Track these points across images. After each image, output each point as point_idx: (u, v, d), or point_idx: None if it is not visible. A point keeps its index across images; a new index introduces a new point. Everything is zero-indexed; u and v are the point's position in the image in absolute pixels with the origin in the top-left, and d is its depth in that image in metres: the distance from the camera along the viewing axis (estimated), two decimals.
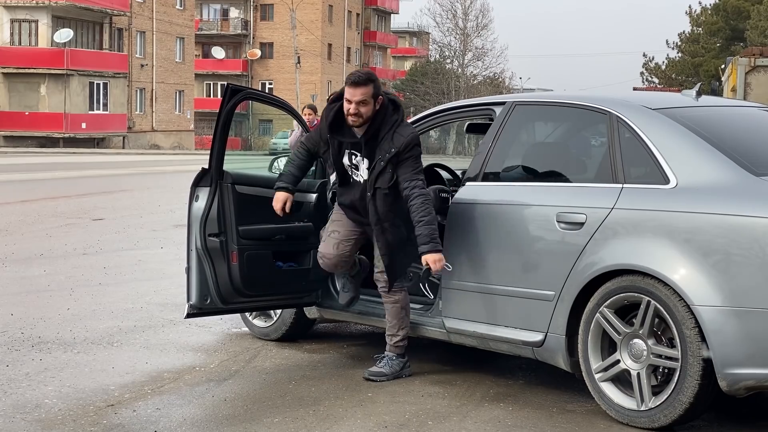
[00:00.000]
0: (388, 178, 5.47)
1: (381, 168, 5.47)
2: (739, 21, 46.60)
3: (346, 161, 5.65)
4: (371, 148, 5.53)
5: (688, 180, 4.88)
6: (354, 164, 5.64)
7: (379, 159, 5.47)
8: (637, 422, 4.88)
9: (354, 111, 5.46)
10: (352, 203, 5.71)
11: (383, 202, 5.53)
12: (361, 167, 5.60)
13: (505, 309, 5.43)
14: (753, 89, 14.58)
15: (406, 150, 5.44)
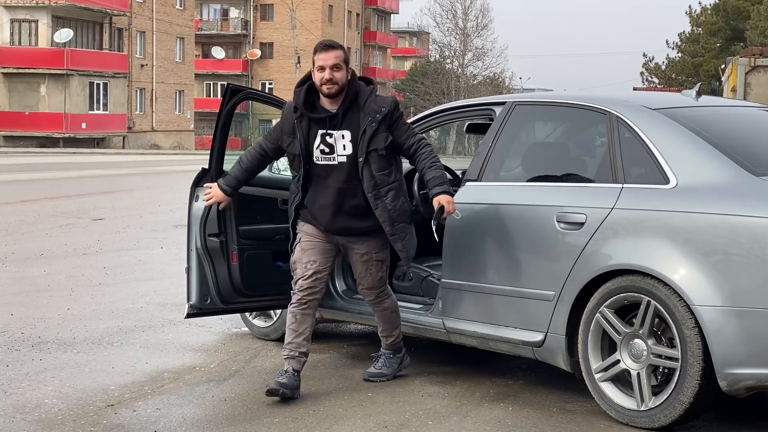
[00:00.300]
0: (384, 138, 5.20)
1: (373, 130, 5.18)
2: (739, 21, 46.61)
3: (318, 146, 5.26)
4: (352, 117, 5.23)
5: (688, 180, 4.88)
6: (328, 145, 5.25)
7: (369, 121, 5.18)
8: (637, 422, 4.88)
9: (329, 76, 5.18)
10: (326, 204, 5.31)
11: (378, 165, 5.21)
12: (339, 144, 5.24)
13: (505, 309, 5.43)
14: (753, 89, 14.58)
15: (396, 110, 5.28)
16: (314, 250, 5.36)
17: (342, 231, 5.34)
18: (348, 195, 5.26)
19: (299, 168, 5.29)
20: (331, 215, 5.29)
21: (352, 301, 6.22)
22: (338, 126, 5.22)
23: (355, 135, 5.20)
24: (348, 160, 5.22)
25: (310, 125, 5.25)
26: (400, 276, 6.44)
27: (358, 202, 5.25)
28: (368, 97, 5.22)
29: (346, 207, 5.27)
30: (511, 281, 5.40)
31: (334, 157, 5.24)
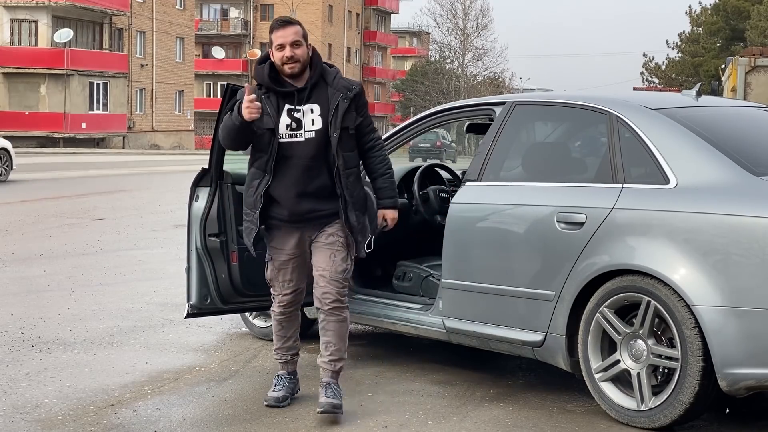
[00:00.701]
0: (353, 117, 4.94)
1: (346, 106, 4.90)
2: (739, 21, 46.61)
3: (285, 121, 4.91)
4: (320, 92, 4.94)
5: (688, 180, 4.88)
6: (296, 120, 4.90)
7: (341, 97, 4.90)
8: (637, 422, 4.88)
9: (290, 54, 4.87)
10: (290, 184, 4.94)
11: (347, 144, 4.94)
12: (307, 118, 4.90)
13: (505, 309, 5.43)
14: (753, 89, 14.58)
15: (363, 95, 5.05)
16: (288, 270, 5.09)
17: (307, 214, 4.96)
18: (313, 174, 4.92)
19: (269, 146, 4.90)
20: (296, 196, 4.92)
21: (351, 301, 6.21)
22: (306, 100, 4.92)
23: (325, 110, 4.90)
24: (316, 135, 4.89)
25: (278, 100, 4.93)
26: (400, 276, 6.44)
27: (323, 182, 4.92)
28: (336, 76, 4.98)
29: (312, 187, 4.92)
30: (511, 281, 5.40)
31: (301, 134, 4.90)
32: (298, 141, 4.90)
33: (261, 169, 4.93)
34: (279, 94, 4.92)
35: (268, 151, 4.88)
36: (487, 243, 5.55)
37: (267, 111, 4.87)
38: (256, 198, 4.96)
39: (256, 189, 4.93)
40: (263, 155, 4.91)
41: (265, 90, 4.93)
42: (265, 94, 4.92)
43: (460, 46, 70.67)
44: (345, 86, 4.94)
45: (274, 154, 4.88)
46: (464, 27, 70.62)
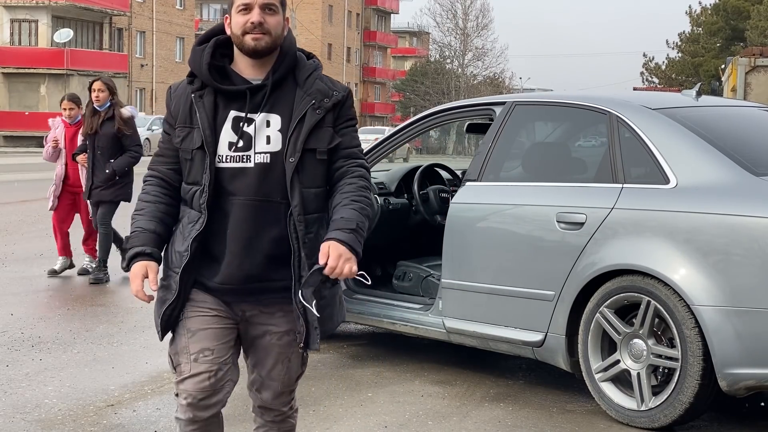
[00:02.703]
0: (329, 136, 3.16)
1: (317, 119, 3.14)
2: (739, 21, 46.63)
3: (228, 137, 3.14)
4: (286, 95, 3.18)
5: (688, 180, 4.88)
6: (244, 135, 3.13)
7: (312, 105, 3.14)
8: (637, 422, 4.88)
9: (258, 19, 3.10)
10: (231, 234, 3.14)
11: (313, 175, 3.15)
12: (260, 134, 3.13)
13: (505, 309, 5.43)
14: (753, 89, 14.57)
15: (348, 103, 3.23)
16: (207, 332, 3.20)
17: (250, 284, 3.16)
18: (267, 219, 3.12)
19: (201, 172, 3.13)
20: (239, 254, 3.12)
21: (351, 301, 6.22)
22: (263, 105, 3.15)
23: (287, 122, 3.14)
24: (272, 160, 3.12)
25: (217, 103, 3.16)
26: (400, 276, 6.44)
27: (280, 232, 3.11)
28: (312, 73, 3.21)
29: (263, 241, 3.13)
30: (511, 281, 5.40)
31: (249, 156, 3.12)
32: (245, 167, 3.12)
33: (192, 205, 3.16)
34: (222, 94, 3.15)
35: (201, 181, 3.13)
36: (487, 243, 5.55)
37: (197, 121, 3.13)
38: (181, 250, 3.15)
39: (186, 237, 3.15)
40: (193, 187, 3.16)
41: (198, 86, 3.18)
42: (196, 91, 3.17)
43: (460, 46, 70.68)
44: (320, 90, 3.17)
45: (209, 185, 3.10)
46: (464, 27, 70.62)
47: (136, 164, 8.96)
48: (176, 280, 3.14)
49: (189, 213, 3.18)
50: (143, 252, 3.14)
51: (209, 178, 3.12)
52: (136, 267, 3.12)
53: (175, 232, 3.22)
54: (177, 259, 3.16)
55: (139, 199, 3.26)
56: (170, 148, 3.23)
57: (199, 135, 3.13)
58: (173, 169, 3.24)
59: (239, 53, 3.18)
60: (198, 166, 3.15)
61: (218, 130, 3.14)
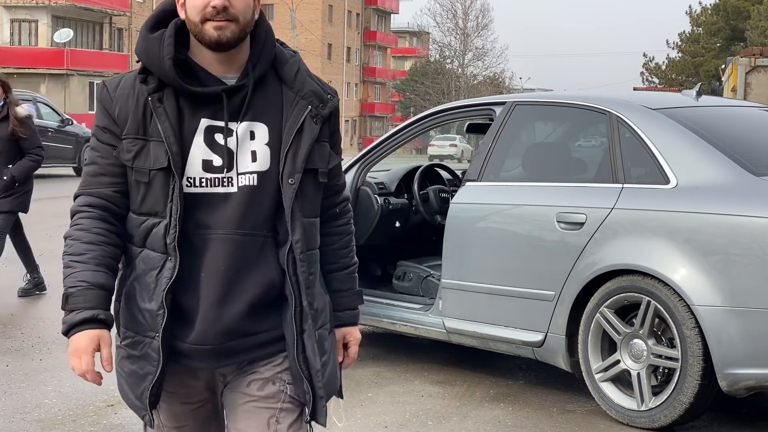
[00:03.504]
0: (327, 154, 2.50)
1: (316, 131, 2.45)
2: (739, 21, 46.63)
3: (201, 152, 2.39)
4: (269, 96, 2.45)
5: (688, 180, 4.88)
6: (221, 151, 2.40)
7: (308, 110, 2.44)
8: (637, 422, 4.88)
9: (221, 2, 2.34)
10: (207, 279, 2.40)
11: (314, 203, 2.50)
12: (243, 150, 2.41)
13: (505, 309, 5.43)
14: (753, 89, 14.56)
15: (337, 111, 2.55)
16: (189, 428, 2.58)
17: (232, 340, 2.44)
18: (250, 258, 2.43)
19: (164, 200, 2.37)
20: (215, 305, 2.41)
21: None
22: (244, 112, 2.41)
23: (276, 133, 2.43)
24: (260, 182, 2.42)
25: (181, 107, 2.39)
26: (400, 276, 6.44)
27: (267, 274, 2.44)
28: (298, 70, 2.48)
29: (246, 285, 2.42)
30: (511, 281, 5.40)
31: (232, 179, 2.40)
32: (227, 193, 2.39)
33: (147, 244, 2.41)
34: (186, 97, 2.39)
35: (164, 213, 2.37)
36: (487, 243, 5.55)
37: (155, 132, 2.36)
38: (152, 308, 2.39)
39: (153, 290, 2.39)
40: (149, 220, 2.40)
41: (155, 86, 2.38)
42: (153, 93, 2.38)
43: (460, 46, 70.72)
44: (315, 93, 2.47)
45: (177, 218, 2.35)
46: (464, 27, 70.66)
47: (37, 169, 7.98)
48: (155, 348, 2.39)
49: (143, 254, 2.39)
50: (94, 318, 2.33)
51: (178, 209, 2.33)
52: (84, 338, 2.32)
53: (127, 281, 2.44)
54: (147, 320, 2.39)
55: (71, 237, 2.40)
56: (114, 163, 2.39)
57: (163, 151, 2.33)
58: (118, 192, 2.41)
59: (198, 44, 2.39)
60: (158, 193, 2.35)
61: (186, 144, 2.36)
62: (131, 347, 2.44)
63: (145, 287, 2.40)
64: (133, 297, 2.43)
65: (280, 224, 2.43)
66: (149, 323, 2.40)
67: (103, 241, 2.39)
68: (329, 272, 2.62)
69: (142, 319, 2.41)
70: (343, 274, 2.64)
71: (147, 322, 2.40)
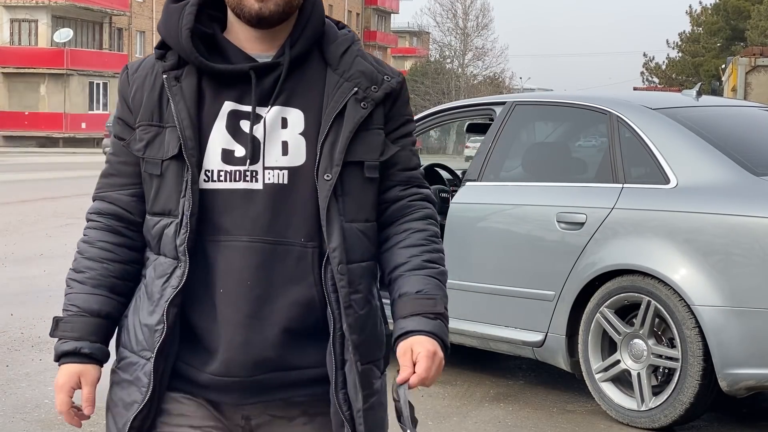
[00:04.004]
0: (381, 143, 2.06)
1: (362, 116, 2.03)
2: (740, 21, 46.64)
3: (222, 141, 2.01)
4: (309, 80, 2.05)
5: (689, 180, 4.88)
6: (247, 141, 2.00)
7: (353, 93, 2.03)
8: (637, 422, 4.88)
9: None
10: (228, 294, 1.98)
11: (361, 203, 2.05)
12: (273, 139, 2.01)
13: (506, 309, 5.43)
14: (753, 89, 14.56)
15: (405, 97, 2.14)
16: None
17: (262, 379, 2.02)
18: (284, 271, 2.01)
19: (177, 196, 2.01)
20: (242, 328, 1.99)
21: None
22: (276, 95, 2.02)
23: (314, 120, 2.03)
24: (292, 179, 2.02)
25: (203, 89, 2.03)
26: None
27: (306, 292, 2.02)
28: (349, 47, 2.09)
29: (279, 306, 2.00)
30: (511, 281, 5.40)
31: (257, 173, 2.01)
32: (250, 190, 2.00)
33: (160, 249, 2.04)
34: (211, 76, 2.03)
35: (177, 210, 2.01)
36: (487, 243, 5.55)
37: (170, 117, 2.00)
38: (151, 323, 2.02)
39: (158, 301, 2.01)
40: (162, 220, 2.03)
41: (172, 63, 2.04)
42: (170, 71, 2.03)
43: (460, 46, 70.74)
44: (365, 73, 2.06)
45: (190, 216, 1.98)
46: (464, 27, 70.67)
47: None
48: (147, 371, 1.99)
49: (156, 261, 2.03)
50: (76, 351, 2.10)
51: (191, 205, 1.96)
52: (63, 374, 2.16)
53: (136, 293, 2.07)
54: (145, 336, 2.01)
55: (77, 250, 2.12)
56: (127, 161, 2.07)
57: (175, 137, 1.97)
58: (133, 195, 2.08)
59: (235, 19, 2.03)
60: (171, 187, 1.99)
61: (205, 130, 1.99)
62: (124, 370, 2.06)
63: (150, 298, 2.02)
64: (136, 311, 2.06)
65: (317, 230, 1.99)
66: (145, 341, 2.01)
67: (107, 257, 2.06)
68: (397, 276, 2.08)
69: (141, 335, 2.02)
70: (416, 275, 2.05)
71: (142, 339, 2.02)
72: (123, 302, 2.08)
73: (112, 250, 2.07)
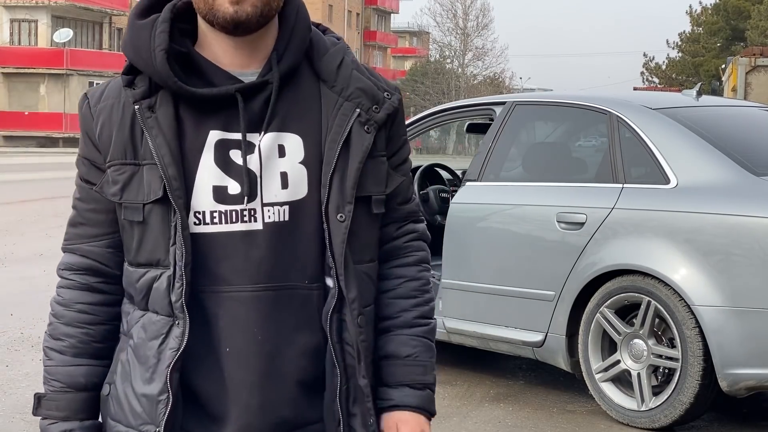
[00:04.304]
0: (385, 172, 1.81)
1: (369, 143, 1.76)
2: (740, 21, 46.64)
3: (212, 179, 1.71)
4: (305, 99, 1.77)
5: (689, 180, 4.88)
6: (241, 172, 1.71)
7: (358, 118, 1.75)
8: (637, 422, 4.88)
9: None
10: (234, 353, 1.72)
11: (369, 243, 1.81)
12: (270, 172, 1.72)
13: (506, 309, 5.43)
14: (753, 89, 14.56)
15: (401, 116, 1.87)
16: None
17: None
18: (290, 320, 1.76)
19: (165, 244, 1.71)
20: (259, 387, 1.74)
21: None
22: (270, 119, 1.73)
23: (315, 144, 1.76)
24: (293, 215, 1.74)
25: (182, 118, 1.73)
26: None
27: (314, 339, 1.77)
28: (342, 59, 1.82)
29: (291, 357, 1.76)
30: (511, 281, 5.39)
31: (255, 210, 1.72)
32: (249, 231, 1.73)
33: (148, 305, 1.76)
34: (192, 103, 1.73)
35: (167, 260, 1.72)
36: (487, 243, 5.55)
37: (147, 154, 1.71)
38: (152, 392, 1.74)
39: (155, 367, 1.73)
40: (149, 272, 1.75)
41: (143, 90, 1.75)
42: (142, 101, 1.74)
43: (460, 46, 70.75)
44: (365, 90, 1.80)
45: (184, 266, 1.70)
46: (464, 27, 70.68)
47: None
48: None
49: (145, 319, 1.74)
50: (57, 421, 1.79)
51: (184, 254, 1.68)
52: None
53: (119, 354, 1.79)
54: (145, 408, 1.73)
55: (51, 312, 1.86)
56: (98, 208, 1.77)
57: (156, 177, 1.68)
58: (108, 247, 1.79)
59: (209, 29, 1.74)
60: (157, 234, 1.71)
61: (191, 166, 1.70)
62: None
63: (144, 363, 1.73)
64: (126, 378, 1.76)
65: (326, 272, 1.74)
66: (147, 413, 1.72)
67: (86, 320, 1.80)
68: (383, 331, 1.85)
69: (138, 407, 1.73)
70: (404, 334, 1.84)
71: (144, 411, 1.72)
72: (107, 365, 1.81)
73: (91, 312, 1.80)
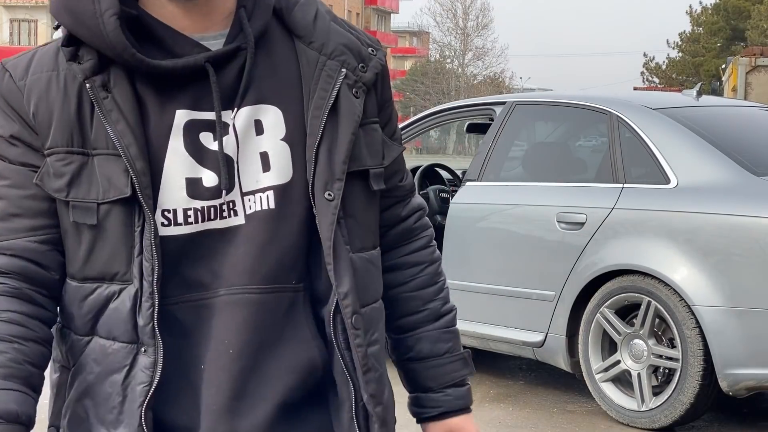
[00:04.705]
0: (380, 141, 1.49)
1: (358, 113, 1.43)
2: (740, 21, 46.67)
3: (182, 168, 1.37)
4: (283, 64, 1.42)
5: (689, 180, 4.88)
6: (216, 159, 1.37)
7: (345, 80, 1.43)
8: (637, 423, 4.88)
9: None
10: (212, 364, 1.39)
11: (367, 226, 1.49)
12: (248, 154, 1.39)
13: (506, 309, 5.43)
14: (753, 89, 14.56)
15: (387, 72, 1.54)
16: None
17: None
18: (277, 326, 1.42)
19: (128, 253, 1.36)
20: (227, 409, 1.39)
21: None
22: (245, 91, 1.39)
23: (297, 115, 1.41)
24: (280, 204, 1.40)
25: (141, 95, 1.37)
26: None
27: (308, 350, 1.44)
28: (317, 10, 1.46)
29: (274, 372, 1.42)
30: (511, 281, 5.39)
31: (234, 203, 1.39)
32: (228, 228, 1.39)
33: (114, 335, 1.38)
34: (152, 78, 1.37)
35: (129, 274, 1.37)
36: (487, 243, 5.55)
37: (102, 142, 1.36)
38: None
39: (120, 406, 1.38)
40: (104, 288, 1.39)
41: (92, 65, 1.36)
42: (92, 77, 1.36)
43: (460, 46, 70.76)
44: (348, 45, 1.46)
45: (153, 281, 1.35)
46: (464, 26, 70.70)
47: None
48: None
49: (97, 348, 1.41)
50: None
51: (154, 268, 1.36)
52: None
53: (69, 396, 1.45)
54: None
55: None
56: (36, 194, 1.39)
57: (120, 170, 1.35)
58: (48, 243, 1.41)
59: None
60: (115, 242, 1.38)
61: (157, 155, 1.37)
62: None
63: (104, 403, 1.40)
64: (81, 423, 1.42)
65: (315, 267, 1.43)
66: None
67: (19, 334, 1.36)
68: (410, 329, 1.64)
69: None
70: (435, 328, 1.70)
71: None
72: (37, 396, 1.38)
73: (25, 324, 1.37)
